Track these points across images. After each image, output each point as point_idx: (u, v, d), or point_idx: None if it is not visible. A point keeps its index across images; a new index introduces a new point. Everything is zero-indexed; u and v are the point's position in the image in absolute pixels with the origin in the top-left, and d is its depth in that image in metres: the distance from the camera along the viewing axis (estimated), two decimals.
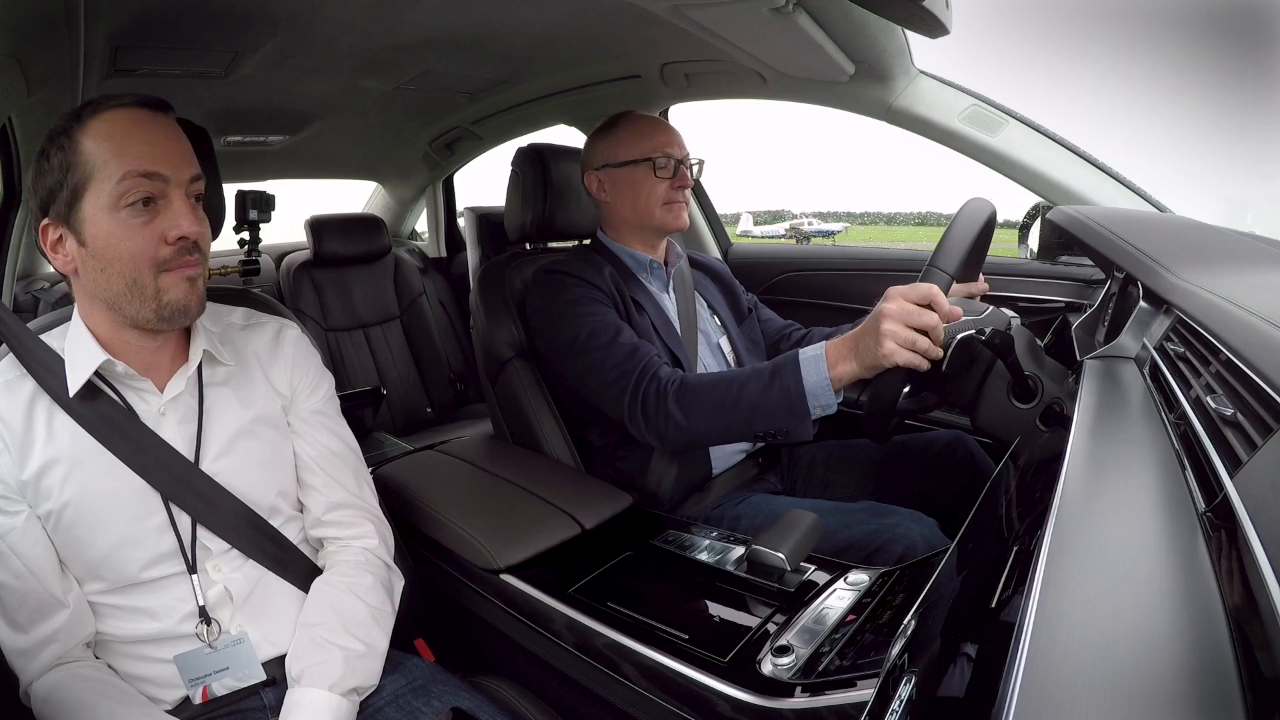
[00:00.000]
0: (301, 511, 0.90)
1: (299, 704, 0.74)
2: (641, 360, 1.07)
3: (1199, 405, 0.55)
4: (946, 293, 0.89)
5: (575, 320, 1.14)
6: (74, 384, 0.74)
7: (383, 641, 0.82)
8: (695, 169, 1.28)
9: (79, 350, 0.75)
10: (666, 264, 1.32)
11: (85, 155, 0.69)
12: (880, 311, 0.86)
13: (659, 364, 1.08)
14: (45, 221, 0.72)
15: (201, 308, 0.77)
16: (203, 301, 0.77)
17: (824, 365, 0.92)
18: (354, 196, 3.00)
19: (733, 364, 1.33)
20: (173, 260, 0.73)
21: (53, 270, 2.04)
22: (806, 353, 0.94)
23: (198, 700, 0.77)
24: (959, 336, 1.01)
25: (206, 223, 0.76)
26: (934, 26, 1.05)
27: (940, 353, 0.87)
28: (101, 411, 0.75)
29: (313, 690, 0.74)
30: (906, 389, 1.02)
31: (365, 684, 0.78)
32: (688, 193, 1.26)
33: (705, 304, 1.37)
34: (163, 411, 0.79)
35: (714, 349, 1.32)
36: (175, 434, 0.79)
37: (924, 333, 0.85)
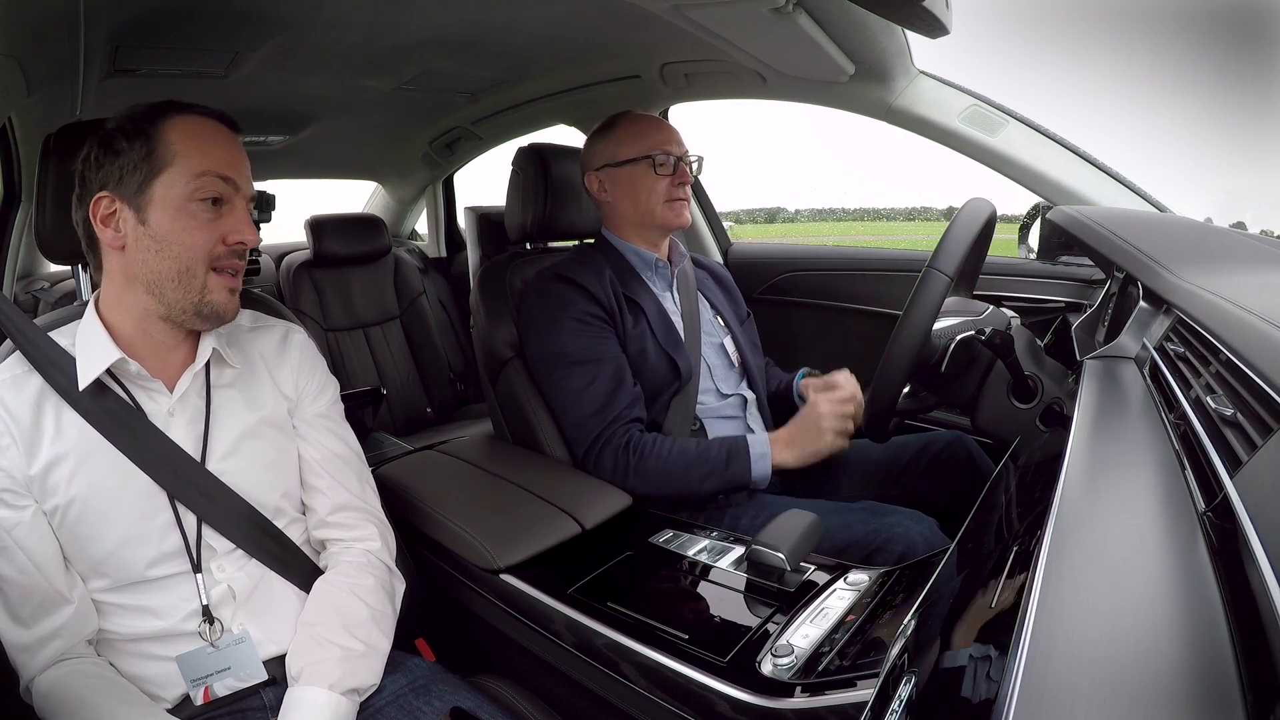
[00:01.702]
0: (305, 514, 0.90)
1: (298, 702, 0.74)
2: (607, 419, 1.15)
3: (1199, 405, 0.55)
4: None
5: (559, 346, 1.18)
6: (85, 379, 0.74)
7: (384, 643, 0.83)
8: (695, 166, 1.29)
9: (92, 346, 0.76)
10: (670, 263, 1.32)
11: (169, 144, 0.74)
12: (816, 414, 1.12)
13: (623, 423, 1.15)
14: (102, 194, 0.74)
15: (235, 314, 0.81)
16: (238, 310, 0.81)
17: (769, 462, 1.12)
18: (354, 196, 3.00)
19: (736, 364, 1.33)
20: (224, 260, 0.77)
21: (53, 270, 2.06)
22: (756, 449, 1.12)
23: (200, 701, 0.77)
24: (959, 337, 1.01)
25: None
26: (934, 26, 1.04)
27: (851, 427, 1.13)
28: (109, 409, 0.75)
29: (311, 689, 0.74)
30: (906, 389, 1.02)
31: (365, 684, 0.78)
32: (688, 190, 1.27)
33: (708, 304, 1.37)
34: (171, 412, 0.79)
35: (717, 349, 1.32)
36: (183, 434, 0.79)
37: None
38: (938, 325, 0.99)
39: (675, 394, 1.22)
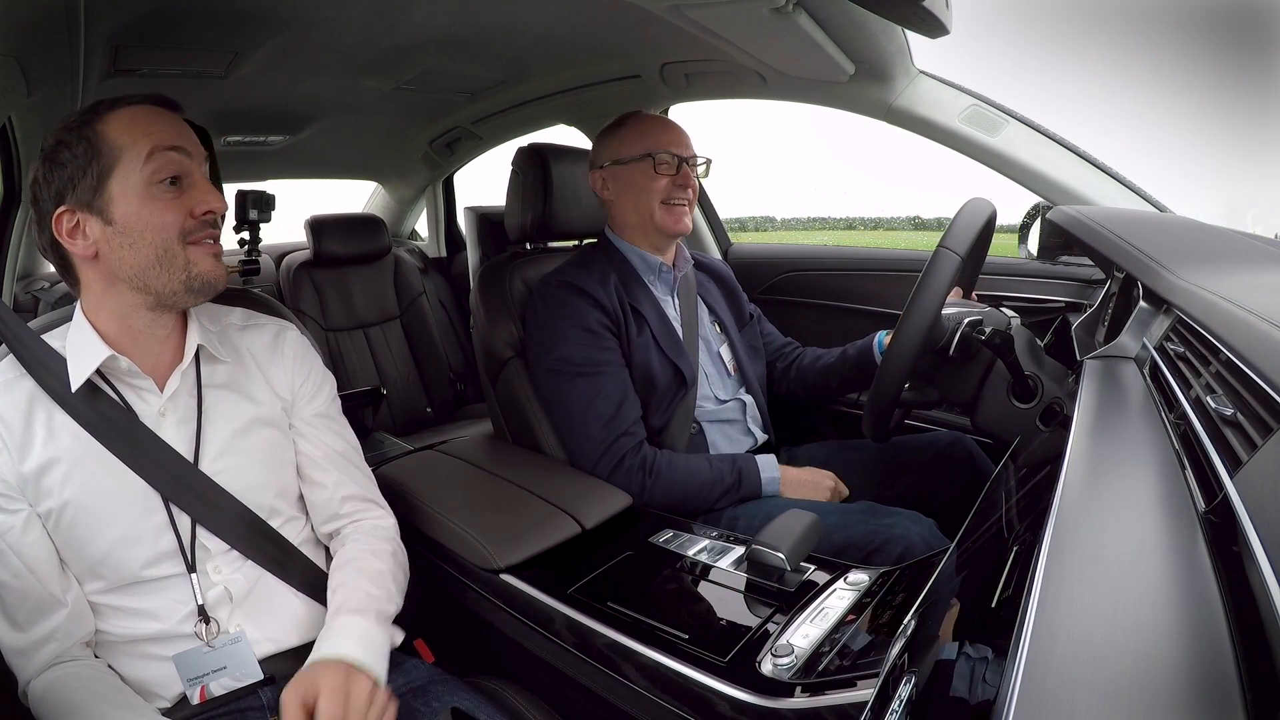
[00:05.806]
0: (302, 512, 0.90)
1: (332, 626, 0.76)
2: (615, 433, 1.15)
3: (1199, 405, 0.55)
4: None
5: (564, 355, 1.17)
6: (76, 379, 0.74)
7: (396, 603, 0.85)
8: (704, 168, 1.28)
9: (82, 346, 0.76)
10: (675, 267, 1.31)
11: (110, 141, 0.72)
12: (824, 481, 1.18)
13: (632, 440, 1.15)
14: (61, 210, 0.73)
15: (226, 281, 0.81)
16: (227, 276, 0.81)
17: (777, 486, 1.17)
18: (354, 196, 3.00)
19: (733, 372, 1.32)
20: (197, 232, 0.76)
21: (53, 270, 2.06)
22: (766, 472, 1.17)
23: (196, 700, 0.77)
24: (966, 320, 1.02)
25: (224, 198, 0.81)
26: (934, 26, 1.05)
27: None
28: (101, 411, 0.75)
29: (348, 615, 0.76)
30: (907, 384, 1.03)
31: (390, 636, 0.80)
32: (691, 194, 1.25)
33: (707, 309, 1.36)
34: (162, 411, 0.79)
35: (714, 357, 1.31)
36: (175, 434, 0.79)
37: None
38: (944, 311, 0.99)
39: (679, 399, 1.22)
